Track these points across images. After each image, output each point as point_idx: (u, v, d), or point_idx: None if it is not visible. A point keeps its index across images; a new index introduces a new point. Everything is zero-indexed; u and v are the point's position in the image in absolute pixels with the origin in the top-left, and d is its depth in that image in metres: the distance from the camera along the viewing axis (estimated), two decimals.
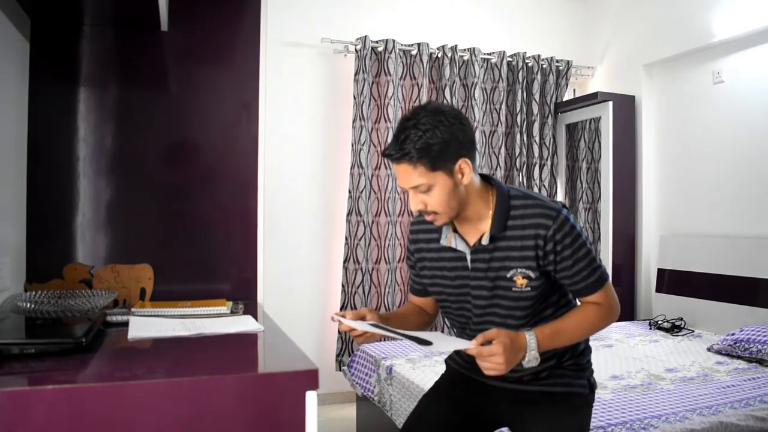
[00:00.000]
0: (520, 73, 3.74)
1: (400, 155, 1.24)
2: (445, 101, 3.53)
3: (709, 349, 2.77)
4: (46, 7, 1.77)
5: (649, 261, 3.67)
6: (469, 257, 1.37)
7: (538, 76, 3.78)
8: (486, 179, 1.39)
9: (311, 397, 0.97)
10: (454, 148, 1.25)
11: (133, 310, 1.61)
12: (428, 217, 1.33)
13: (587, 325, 1.35)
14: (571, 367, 1.43)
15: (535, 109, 3.77)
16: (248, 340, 1.25)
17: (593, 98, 3.64)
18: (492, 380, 1.41)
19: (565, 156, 3.98)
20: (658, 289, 3.53)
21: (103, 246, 1.94)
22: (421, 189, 1.27)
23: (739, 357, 2.61)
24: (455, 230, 1.39)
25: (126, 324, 1.40)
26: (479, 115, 3.61)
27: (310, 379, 0.97)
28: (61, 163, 1.90)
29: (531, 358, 1.23)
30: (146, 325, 1.36)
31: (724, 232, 3.24)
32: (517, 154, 3.71)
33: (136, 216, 1.97)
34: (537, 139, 3.77)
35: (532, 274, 1.32)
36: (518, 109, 3.72)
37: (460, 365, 1.53)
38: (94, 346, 1.12)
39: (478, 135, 3.58)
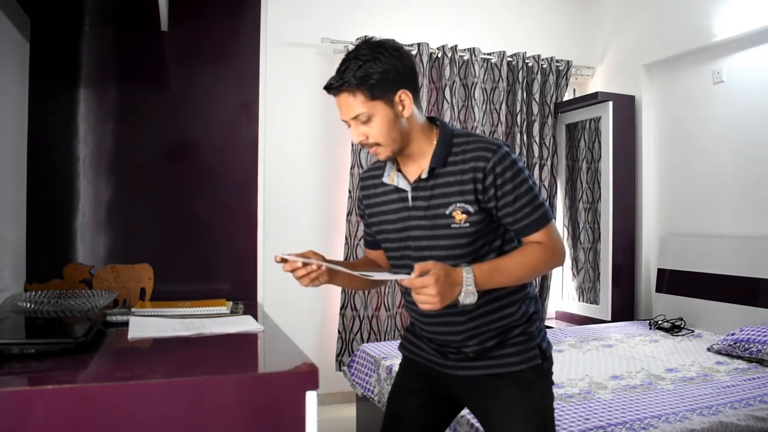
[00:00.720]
0: (520, 73, 3.74)
1: (340, 83, 1.27)
2: (445, 101, 3.53)
3: (709, 349, 2.77)
4: (46, 8, 1.77)
5: (649, 261, 3.67)
6: (410, 195, 1.37)
7: (538, 76, 3.78)
8: (432, 120, 1.41)
9: (311, 397, 0.97)
10: (393, 78, 1.27)
11: (133, 310, 1.61)
12: (371, 150, 1.34)
13: (529, 264, 1.30)
14: (519, 339, 1.38)
15: (535, 109, 3.77)
16: (248, 340, 1.25)
17: (593, 98, 3.64)
18: (441, 365, 1.41)
19: (565, 156, 3.98)
20: (658, 289, 3.53)
21: (103, 246, 1.94)
22: (361, 119, 1.29)
23: (739, 357, 2.61)
24: (399, 170, 1.40)
25: (126, 324, 1.40)
26: (479, 115, 3.61)
27: (310, 379, 0.97)
28: (61, 163, 1.90)
29: (467, 293, 1.20)
30: (146, 325, 1.36)
31: (724, 232, 3.24)
32: (517, 154, 3.71)
33: (136, 216, 1.97)
34: (537, 139, 3.77)
35: (470, 209, 1.30)
36: (518, 109, 3.72)
37: (411, 351, 1.51)
38: (94, 346, 1.12)
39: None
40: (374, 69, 1.26)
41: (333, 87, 1.29)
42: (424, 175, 1.34)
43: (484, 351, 1.37)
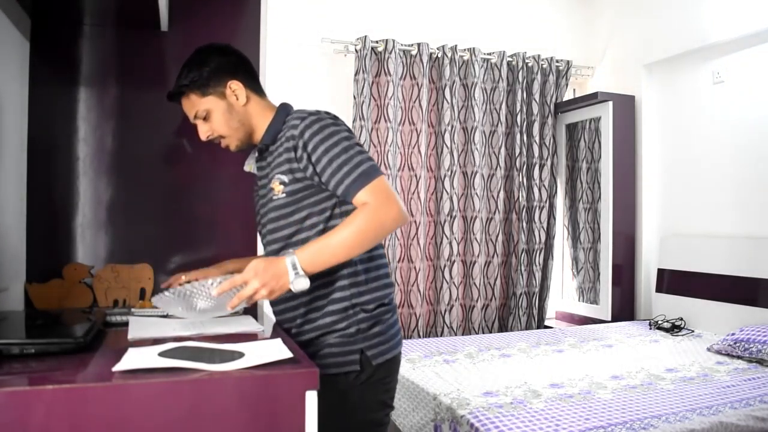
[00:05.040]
0: (520, 73, 3.74)
1: (175, 91, 1.39)
2: (445, 101, 3.53)
3: (709, 349, 2.77)
4: (46, 7, 1.77)
5: (649, 261, 3.67)
6: (258, 176, 1.43)
7: (538, 76, 3.78)
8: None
9: (311, 397, 0.97)
10: (220, 73, 1.37)
11: (133, 310, 1.61)
12: (221, 144, 1.42)
13: (356, 231, 1.22)
14: (338, 340, 1.31)
15: (535, 109, 3.77)
16: (248, 340, 1.25)
17: (593, 98, 3.64)
18: None
19: (565, 156, 3.98)
20: (658, 289, 3.53)
21: (103, 246, 1.94)
22: (201, 116, 1.38)
23: (739, 357, 2.61)
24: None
25: (126, 324, 1.40)
26: (479, 115, 3.61)
27: (310, 379, 0.97)
28: (61, 163, 1.90)
29: (296, 279, 1.18)
30: (146, 325, 1.36)
31: (724, 233, 3.24)
32: (517, 154, 3.71)
33: (136, 216, 1.97)
34: (537, 139, 3.77)
35: (285, 179, 1.31)
36: (518, 109, 3.72)
37: None
38: (94, 346, 1.12)
39: (478, 135, 3.59)
40: (201, 70, 1.36)
41: (172, 96, 1.40)
42: (255, 154, 1.43)
43: (307, 343, 1.33)
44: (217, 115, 1.37)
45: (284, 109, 1.42)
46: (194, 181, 2.04)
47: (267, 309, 1.85)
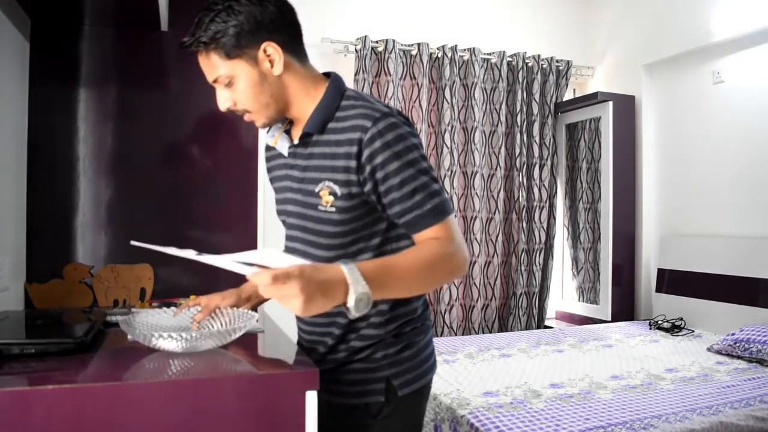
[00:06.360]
0: (520, 73, 3.74)
1: (190, 42, 1.05)
2: (445, 101, 3.53)
3: (709, 349, 2.77)
4: (46, 7, 1.77)
5: (649, 261, 3.67)
6: (287, 161, 1.16)
7: (538, 76, 3.78)
8: (327, 75, 1.17)
9: (311, 397, 0.97)
10: (252, 30, 1.04)
11: (133, 310, 1.61)
12: (244, 117, 1.12)
13: (429, 261, 0.98)
14: (363, 365, 1.11)
15: (535, 109, 3.77)
16: (248, 340, 1.25)
17: (593, 98, 3.64)
18: None
19: (565, 156, 3.98)
20: (658, 289, 3.53)
21: (103, 246, 1.94)
22: (223, 82, 1.08)
23: (739, 357, 2.61)
24: (288, 131, 1.18)
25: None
26: (479, 115, 3.61)
27: (310, 379, 0.97)
28: (61, 163, 1.90)
29: (358, 296, 0.88)
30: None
31: (724, 232, 3.24)
32: (517, 154, 3.71)
33: (136, 216, 1.97)
34: (537, 139, 3.77)
35: (338, 191, 1.05)
36: (518, 109, 3.72)
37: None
38: (94, 346, 1.12)
39: (478, 135, 3.59)
40: (228, 22, 1.03)
41: (184, 47, 1.07)
42: (295, 141, 1.13)
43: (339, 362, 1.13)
44: (243, 84, 1.07)
45: (337, 90, 1.12)
46: (194, 181, 2.04)
47: (267, 309, 1.85)
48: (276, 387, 0.96)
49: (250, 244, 2.07)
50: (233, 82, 1.07)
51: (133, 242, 1.08)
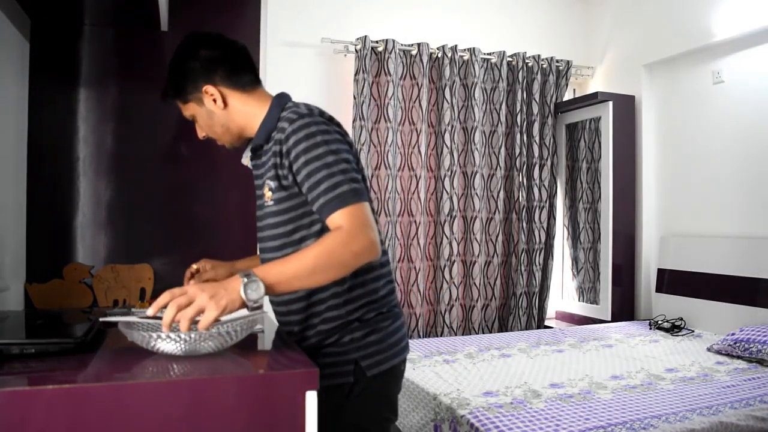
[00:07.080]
0: (520, 73, 3.74)
1: (162, 95, 1.32)
2: (445, 101, 3.53)
3: (709, 349, 2.77)
4: (46, 7, 1.77)
5: (649, 261, 3.67)
6: (255, 172, 1.35)
7: (538, 76, 3.78)
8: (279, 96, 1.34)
9: (311, 397, 0.97)
10: (192, 79, 1.26)
11: (133, 310, 1.61)
12: (217, 143, 1.37)
13: (322, 252, 1.08)
14: (333, 349, 1.22)
15: (535, 109, 3.77)
16: (248, 341, 1.25)
17: (593, 98, 3.64)
18: None
19: (565, 156, 3.98)
20: (658, 289, 3.54)
21: (103, 246, 1.94)
22: (190, 119, 1.33)
23: (739, 357, 2.61)
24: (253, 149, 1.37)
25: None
26: (479, 115, 3.61)
27: (310, 379, 0.97)
28: (61, 163, 1.91)
29: (249, 283, 1.02)
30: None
31: (724, 232, 3.24)
32: (517, 154, 3.71)
33: (136, 216, 1.97)
34: (537, 139, 3.77)
35: (273, 185, 1.23)
36: (518, 109, 3.72)
37: None
38: (94, 346, 1.12)
39: (478, 135, 3.59)
40: (176, 76, 1.28)
41: (163, 99, 1.33)
42: (249, 154, 1.35)
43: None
44: (200, 119, 1.31)
45: (278, 104, 1.29)
46: (194, 181, 2.04)
47: (267, 309, 1.85)
48: (276, 387, 0.96)
49: (249, 243, 2.07)
50: (195, 119, 1.32)
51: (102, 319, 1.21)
